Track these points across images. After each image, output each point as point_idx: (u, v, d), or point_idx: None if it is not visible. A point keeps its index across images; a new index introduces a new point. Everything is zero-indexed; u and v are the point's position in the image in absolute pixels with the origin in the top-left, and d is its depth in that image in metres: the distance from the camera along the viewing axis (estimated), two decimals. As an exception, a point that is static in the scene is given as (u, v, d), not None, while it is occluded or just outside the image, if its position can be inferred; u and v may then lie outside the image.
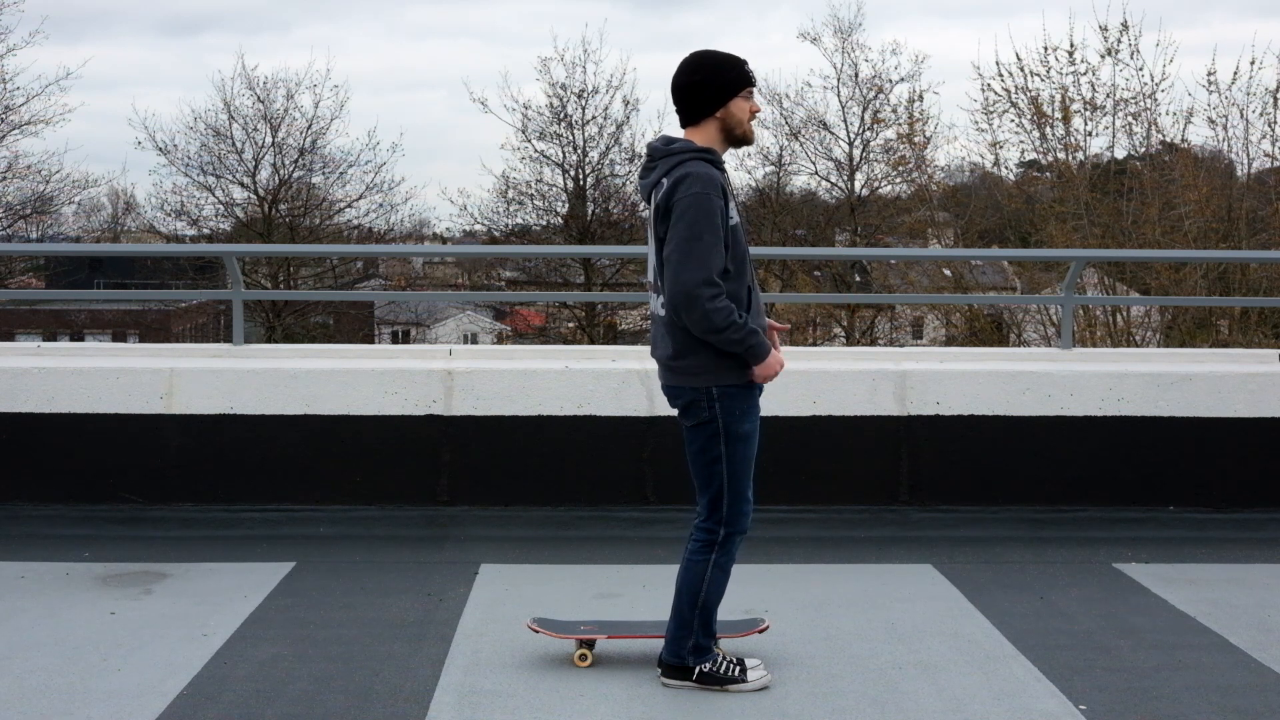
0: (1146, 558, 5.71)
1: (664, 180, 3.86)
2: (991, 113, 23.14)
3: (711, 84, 3.89)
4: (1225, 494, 6.53)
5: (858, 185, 30.61)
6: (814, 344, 26.88)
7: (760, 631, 4.39)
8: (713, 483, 3.97)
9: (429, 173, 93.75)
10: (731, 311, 3.76)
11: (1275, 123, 20.69)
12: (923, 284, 27.77)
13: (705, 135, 3.93)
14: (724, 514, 3.97)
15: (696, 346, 3.86)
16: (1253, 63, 22.85)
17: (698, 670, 4.02)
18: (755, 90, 3.97)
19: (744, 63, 3.93)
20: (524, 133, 31.21)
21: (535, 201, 31.91)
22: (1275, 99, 20.47)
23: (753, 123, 4.00)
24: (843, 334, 28.87)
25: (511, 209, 32.07)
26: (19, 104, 29.36)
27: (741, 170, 30.54)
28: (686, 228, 3.73)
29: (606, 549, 5.82)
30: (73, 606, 4.85)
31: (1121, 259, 19.58)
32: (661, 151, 3.93)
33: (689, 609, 4.00)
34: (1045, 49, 22.40)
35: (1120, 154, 22.76)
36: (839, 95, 30.54)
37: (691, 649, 4.02)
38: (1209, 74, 20.72)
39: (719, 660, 4.04)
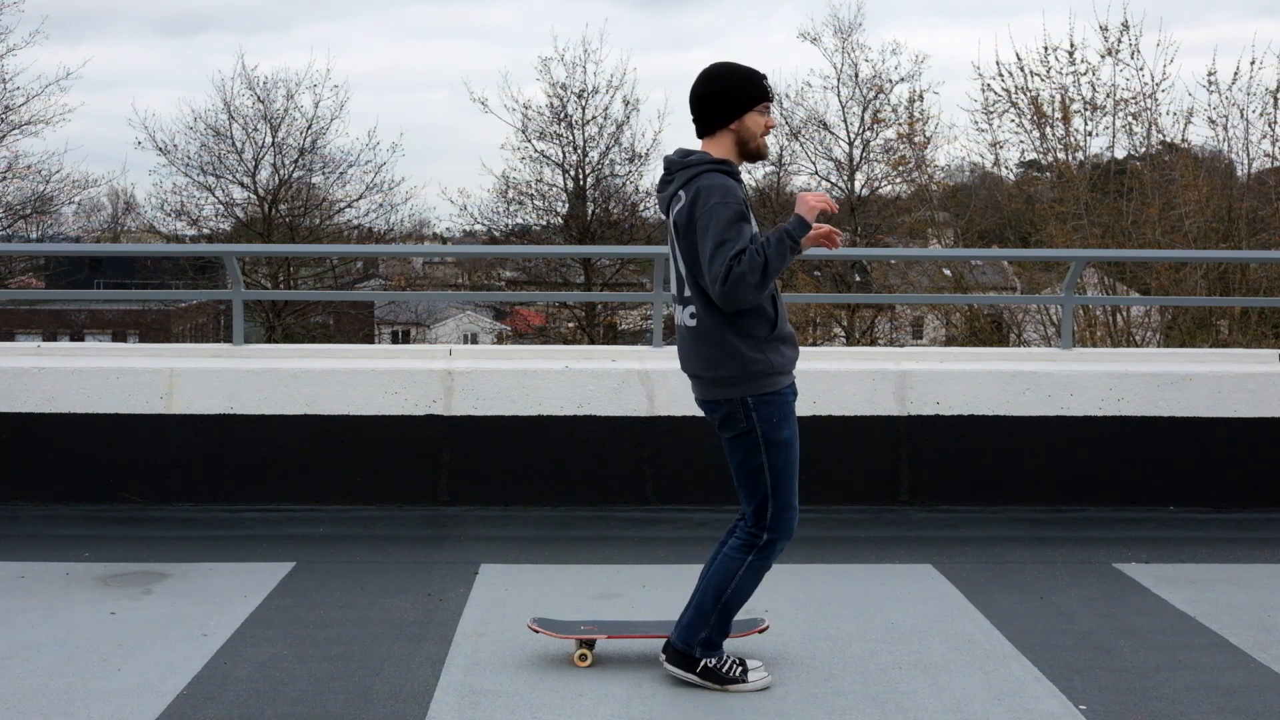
0: (1146, 558, 5.71)
1: (681, 193, 3.86)
2: (991, 113, 23.13)
3: (727, 96, 3.89)
4: (1225, 494, 6.54)
5: (858, 185, 30.59)
6: (814, 344, 26.88)
7: (760, 631, 4.39)
8: (757, 492, 3.96)
9: (429, 173, 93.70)
10: (752, 260, 3.70)
11: (1275, 123, 20.68)
12: (923, 284, 27.75)
13: (720, 147, 3.93)
14: (769, 520, 3.97)
15: (728, 358, 3.86)
16: (1253, 63, 22.87)
17: (703, 664, 4.02)
18: (771, 105, 3.96)
19: (762, 77, 3.93)
20: (524, 133, 31.23)
21: (535, 201, 31.92)
22: (1275, 99, 20.46)
23: (767, 137, 3.99)
24: (843, 334, 28.86)
25: (511, 209, 32.09)
26: (19, 104, 29.36)
27: (742, 170, 30.46)
28: (711, 240, 3.73)
29: (606, 549, 5.82)
30: (73, 606, 4.85)
31: (1121, 259, 19.56)
32: (678, 164, 3.93)
33: (712, 602, 3.99)
34: (1045, 49, 22.40)
35: (1120, 154, 22.76)
36: (839, 95, 30.53)
37: (702, 641, 4.02)
38: (1209, 74, 20.71)
39: (724, 658, 4.04)
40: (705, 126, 3.94)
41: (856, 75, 30.35)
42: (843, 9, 69.57)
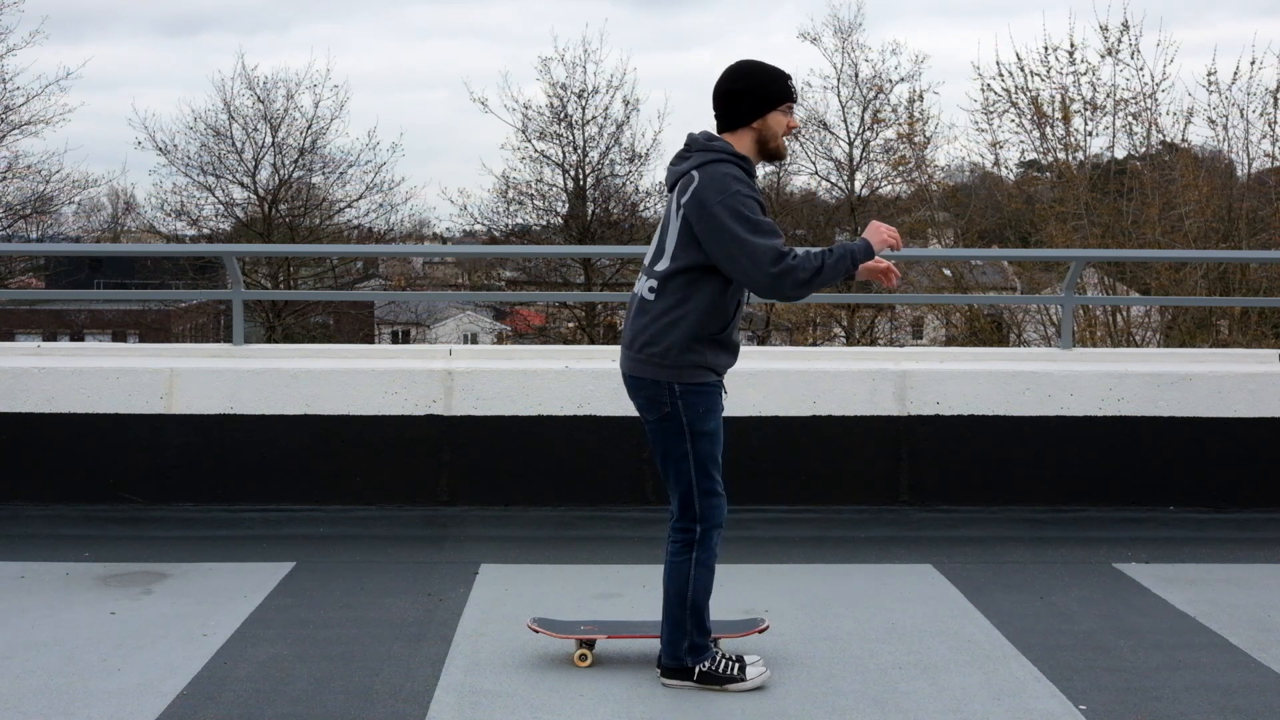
0: (1146, 558, 5.71)
1: (695, 173, 3.84)
2: (991, 113, 23.12)
3: (752, 94, 3.89)
4: (1225, 494, 6.54)
5: (858, 185, 30.63)
6: (814, 344, 26.87)
7: (760, 631, 4.39)
8: (681, 480, 3.95)
9: (429, 173, 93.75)
10: (807, 259, 3.73)
11: (1275, 123, 20.67)
12: (923, 284, 27.74)
13: (741, 143, 3.92)
14: (697, 510, 3.96)
15: (666, 336, 3.85)
16: (1253, 63, 22.86)
17: (698, 670, 4.02)
18: (795, 106, 3.97)
19: (787, 77, 3.94)
20: (524, 133, 31.24)
21: (535, 201, 31.93)
22: (1275, 99, 20.46)
23: (786, 138, 4.00)
24: (843, 334, 28.87)
25: (511, 209, 32.10)
26: (19, 104, 29.38)
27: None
28: (746, 225, 3.72)
29: (606, 549, 5.82)
30: (73, 606, 4.85)
31: (1121, 259, 19.56)
32: (700, 144, 3.92)
33: (679, 610, 3.99)
34: (1045, 49, 22.38)
35: (1120, 154, 22.75)
36: (839, 95, 30.60)
37: (688, 649, 4.02)
38: (1209, 74, 20.71)
39: (718, 659, 4.04)
40: (728, 122, 3.94)
41: (856, 75, 30.42)
42: (843, 9, 69.79)
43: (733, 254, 3.74)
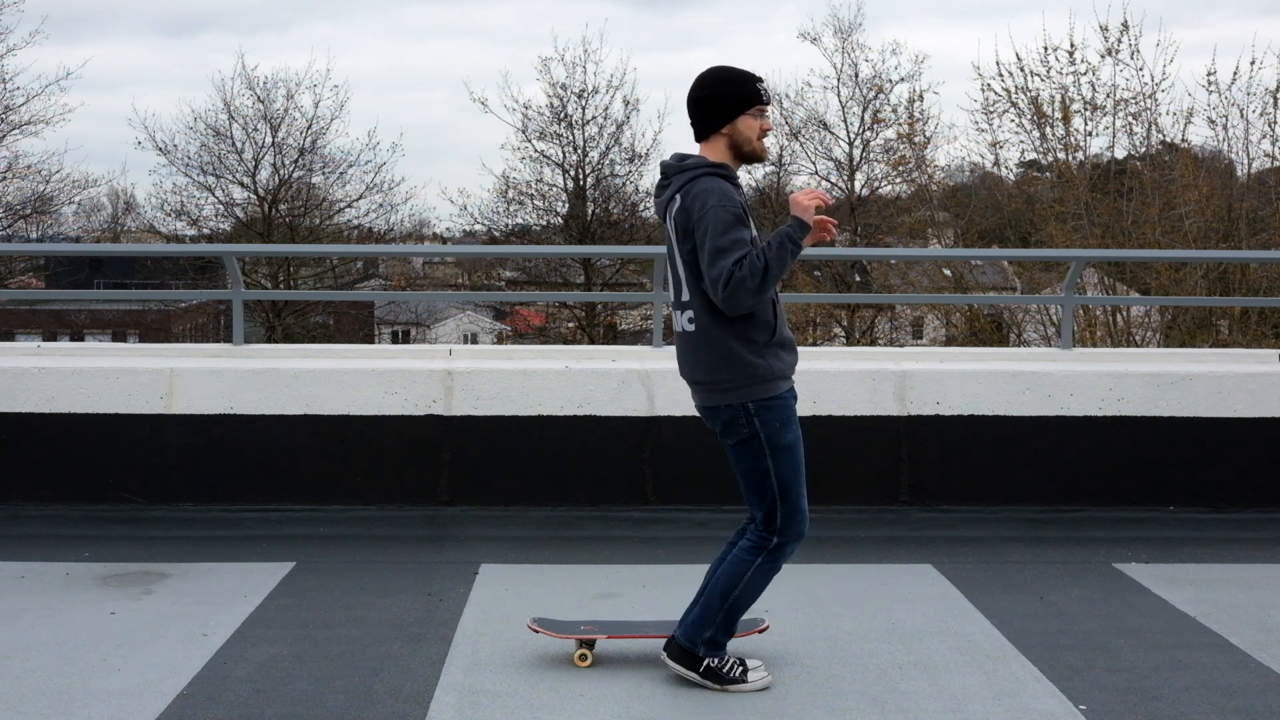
0: (1146, 558, 5.71)
1: (678, 198, 3.86)
2: (991, 113, 23.14)
3: (720, 100, 3.89)
4: (1225, 494, 6.54)
5: (858, 185, 30.59)
6: (814, 344, 26.86)
7: (760, 631, 4.39)
8: (765, 497, 3.94)
9: (429, 173, 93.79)
10: (752, 267, 3.68)
11: (1275, 123, 20.69)
12: (923, 284, 27.74)
13: (715, 150, 3.93)
14: (779, 524, 3.96)
15: (727, 362, 3.84)
16: (1253, 63, 22.91)
17: (705, 664, 4.02)
18: (767, 109, 3.95)
19: (756, 80, 3.92)
20: (524, 133, 31.24)
21: (535, 201, 31.93)
22: (1275, 99, 20.47)
23: (765, 139, 3.99)
24: (843, 334, 28.86)
25: (511, 209, 32.10)
26: (19, 104, 29.36)
27: (742, 171, 30.40)
28: (710, 244, 3.73)
29: (606, 549, 5.82)
30: (73, 606, 4.85)
31: (1121, 259, 19.56)
32: (675, 169, 3.93)
33: (719, 602, 3.99)
34: (1045, 49, 22.41)
35: (1120, 154, 22.76)
36: (839, 95, 30.56)
37: (707, 641, 4.02)
38: (1209, 74, 20.74)
39: (726, 658, 4.04)
40: (701, 130, 3.95)
41: (856, 75, 30.39)
42: (843, 9, 69.67)
43: (703, 278, 3.78)
